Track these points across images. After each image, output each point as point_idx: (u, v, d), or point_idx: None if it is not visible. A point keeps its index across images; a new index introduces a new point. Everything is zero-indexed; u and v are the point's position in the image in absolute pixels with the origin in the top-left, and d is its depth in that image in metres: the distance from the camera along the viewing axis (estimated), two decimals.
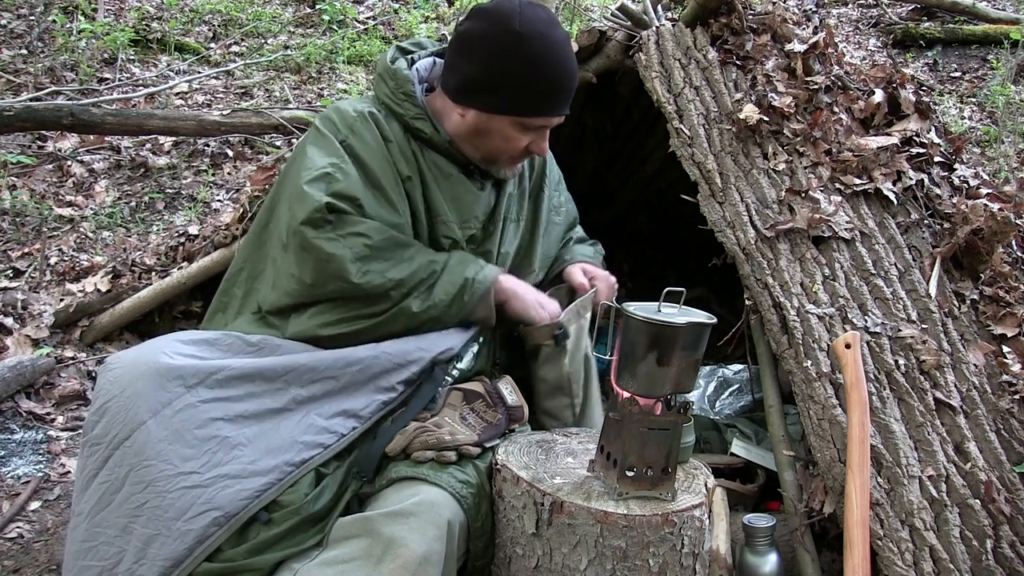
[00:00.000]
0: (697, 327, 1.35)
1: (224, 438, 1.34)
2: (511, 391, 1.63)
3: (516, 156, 1.70)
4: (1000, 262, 2.05)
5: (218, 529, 1.29)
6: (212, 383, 1.36)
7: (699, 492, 1.43)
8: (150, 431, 1.31)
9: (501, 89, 1.59)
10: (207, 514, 1.29)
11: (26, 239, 3.48)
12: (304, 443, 1.40)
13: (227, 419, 1.35)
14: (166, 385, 1.34)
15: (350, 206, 1.53)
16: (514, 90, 1.59)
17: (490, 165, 1.72)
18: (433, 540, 1.29)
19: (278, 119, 4.03)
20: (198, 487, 1.30)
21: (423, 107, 1.67)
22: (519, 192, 1.87)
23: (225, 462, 1.32)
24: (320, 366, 1.46)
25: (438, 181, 1.68)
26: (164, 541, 1.27)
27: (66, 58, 4.83)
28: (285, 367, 1.44)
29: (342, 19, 5.99)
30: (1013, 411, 1.82)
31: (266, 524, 1.34)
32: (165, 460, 1.30)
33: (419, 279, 1.55)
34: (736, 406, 2.75)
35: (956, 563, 1.58)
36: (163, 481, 1.30)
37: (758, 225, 2.09)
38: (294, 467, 1.38)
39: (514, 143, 1.65)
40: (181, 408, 1.33)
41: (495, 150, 1.68)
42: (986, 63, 5.96)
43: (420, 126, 1.66)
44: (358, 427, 1.47)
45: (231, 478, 1.32)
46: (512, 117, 1.62)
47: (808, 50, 2.41)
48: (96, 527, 1.31)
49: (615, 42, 2.67)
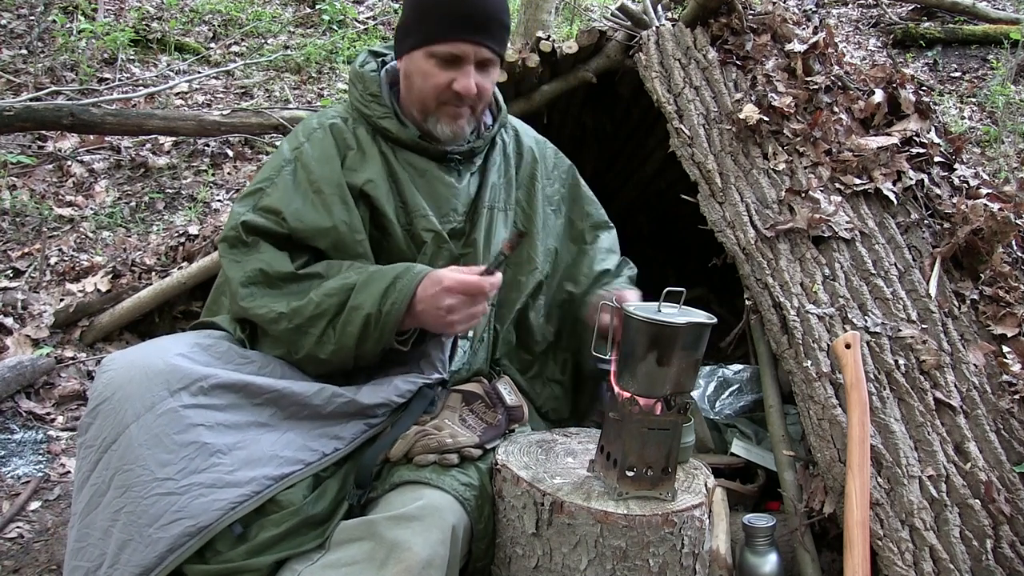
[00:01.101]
0: (697, 327, 1.35)
1: (203, 444, 1.31)
2: (510, 391, 1.63)
3: (447, 100, 1.61)
4: (1000, 262, 2.05)
5: (189, 539, 1.27)
6: (196, 390, 1.34)
7: (699, 492, 1.43)
8: (132, 435, 1.30)
9: (414, 24, 1.60)
10: (179, 523, 1.27)
11: (26, 239, 3.48)
12: (285, 458, 1.39)
13: (208, 426, 1.33)
14: (152, 389, 1.32)
15: (272, 220, 1.56)
16: (421, 21, 1.58)
17: (430, 123, 1.65)
18: (437, 544, 1.28)
19: (278, 119, 4.03)
20: (172, 494, 1.28)
21: (390, 106, 1.67)
22: (505, 181, 1.81)
23: (201, 469, 1.30)
24: (305, 394, 1.45)
25: (413, 179, 1.67)
26: (136, 547, 1.26)
27: (66, 58, 4.83)
28: (272, 389, 1.42)
29: (342, 19, 5.99)
30: (1013, 411, 1.82)
31: (265, 525, 1.34)
32: (143, 465, 1.29)
33: (307, 315, 1.48)
34: (736, 406, 2.75)
35: (956, 563, 1.58)
36: (139, 487, 1.28)
37: (758, 225, 2.09)
38: (272, 481, 1.36)
39: (432, 80, 1.59)
40: (163, 412, 1.31)
41: (423, 95, 1.62)
42: (986, 63, 5.96)
43: (386, 125, 1.66)
44: (340, 448, 1.46)
45: (206, 487, 1.30)
46: (423, 49, 1.58)
47: (808, 50, 2.41)
48: (85, 528, 1.31)
49: (615, 42, 2.67)
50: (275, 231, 1.56)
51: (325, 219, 1.56)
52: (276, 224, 1.56)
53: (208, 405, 1.35)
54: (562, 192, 1.93)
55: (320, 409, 1.45)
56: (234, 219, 1.58)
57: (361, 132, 1.67)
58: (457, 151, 1.70)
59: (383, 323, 1.45)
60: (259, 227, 1.56)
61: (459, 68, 1.59)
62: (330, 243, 1.57)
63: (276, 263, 1.53)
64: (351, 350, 1.48)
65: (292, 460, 1.39)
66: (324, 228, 1.56)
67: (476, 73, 1.60)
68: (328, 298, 1.48)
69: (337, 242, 1.57)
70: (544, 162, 1.90)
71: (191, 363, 1.38)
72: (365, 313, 1.45)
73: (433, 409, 1.55)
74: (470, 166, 1.75)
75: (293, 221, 1.56)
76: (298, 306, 1.49)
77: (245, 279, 1.53)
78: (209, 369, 1.38)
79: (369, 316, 1.45)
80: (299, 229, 1.56)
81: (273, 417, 1.42)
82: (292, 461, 1.39)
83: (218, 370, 1.39)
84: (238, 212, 1.59)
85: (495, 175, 1.78)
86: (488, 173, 1.77)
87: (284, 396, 1.42)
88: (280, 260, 1.54)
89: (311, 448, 1.43)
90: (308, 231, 1.56)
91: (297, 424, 1.44)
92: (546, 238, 1.85)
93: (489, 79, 1.64)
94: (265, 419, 1.41)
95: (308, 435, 1.43)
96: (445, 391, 1.61)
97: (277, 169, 1.63)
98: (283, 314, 1.49)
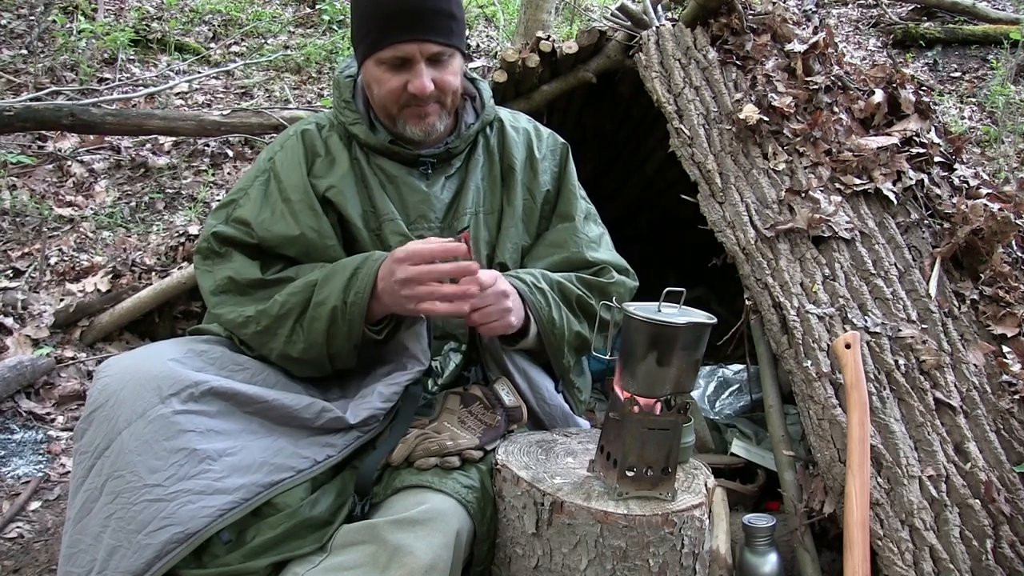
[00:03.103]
0: (697, 327, 1.35)
1: (192, 450, 1.30)
2: (508, 392, 1.62)
3: (406, 103, 1.59)
4: (1000, 262, 2.05)
5: (177, 546, 1.26)
6: (187, 396, 1.33)
7: (699, 492, 1.43)
8: (124, 441, 1.30)
9: (358, 35, 1.59)
10: (167, 529, 1.26)
11: (26, 239, 3.48)
12: (275, 465, 1.38)
13: (198, 432, 1.32)
14: (143, 395, 1.32)
15: (242, 231, 1.59)
16: (363, 30, 1.57)
17: (400, 127, 1.63)
18: (440, 548, 1.28)
19: (278, 119, 4.03)
20: (160, 500, 1.27)
21: (363, 112, 1.67)
22: (488, 181, 1.74)
23: (191, 476, 1.29)
24: (295, 407, 1.44)
25: (383, 184, 1.66)
26: (124, 553, 1.26)
27: (66, 58, 4.83)
28: (262, 400, 1.41)
29: (342, 19, 5.99)
30: (1013, 411, 1.82)
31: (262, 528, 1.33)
32: (133, 471, 1.28)
33: (273, 315, 1.50)
34: (736, 406, 2.75)
35: (956, 563, 1.58)
36: (129, 493, 1.28)
37: (758, 225, 2.09)
38: (262, 488, 1.35)
39: (386, 86, 1.57)
40: (153, 419, 1.30)
41: (383, 103, 1.61)
42: (986, 63, 5.96)
43: (356, 131, 1.65)
44: (333, 456, 1.45)
45: (194, 494, 1.28)
46: (372, 58, 1.57)
47: (808, 50, 2.41)
48: (78, 534, 1.31)
49: (615, 42, 2.67)
50: (245, 241, 1.59)
51: (293, 227, 1.58)
52: (246, 235, 1.59)
53: (199, 411, 1.34)
54: (554, 171, 1.82)
55: (309, 423, 1.45)
56: (207, 230, 1.61)
57: (334, 138, 1.68)
58: (430, 155, 1.67)
59: (349, 314, 1.45)
60: (230, 237, 1.59)
61: (410, 69, 1.56)
62: (300, 251, 1.58)
63: (245, 271, 1.56)
64: (322, 347, 1.48)
65: (283, 467, 1.39)
66: (292, 237, 1.58)
67: (430, 69, 1.56)
68: (292, 296, 1.50)
69: (307, 249, 1.58)
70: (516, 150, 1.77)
71: (183, 369, 1.37)
72: (330, 307, 1.46)
73: (431, 412, 1.55)
74: (446, 169, 1.71)
75: (261, 231, 1.58)
76: (264, 308, 1.50)
77: (216, 287, 1.56)
78: (201, 375, 1.37)
79: (335, 309, 1.45)
80: (267, 239, 1.58)
81: (263, 425, 1.42)
82: (283, 468, 1.39)
83: (210, 376, 1.38)
84: (211, 224, 1.62)
85: (478, 177, 1.73)
86: (470, 176, 1.72)
87: (273, 408, 1.42)
88: (249, 268, 1.56)
89: (302, 455, 1.42)
90: (277, 240, 1.58)
91: (288, 431, 1.44)
92: (519, 234, 1.75)
93: (448, 72, 1.59)
94: (256, 426, 1.41)
95: (299, 443, 1.43)
96: (443, 393, 1.61)
97: (251, 180, 1.66)
98: (250, 317, 1.51)
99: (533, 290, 1.60)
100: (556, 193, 1.82)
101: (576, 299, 1.66)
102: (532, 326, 1.61)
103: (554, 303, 1.62)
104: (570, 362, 1.68)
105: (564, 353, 1.65)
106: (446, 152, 1.69)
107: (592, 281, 1.70)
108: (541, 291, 1.61)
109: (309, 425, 1.45)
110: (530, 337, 1.62)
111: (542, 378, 1.71)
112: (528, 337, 1.62)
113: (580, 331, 1.66)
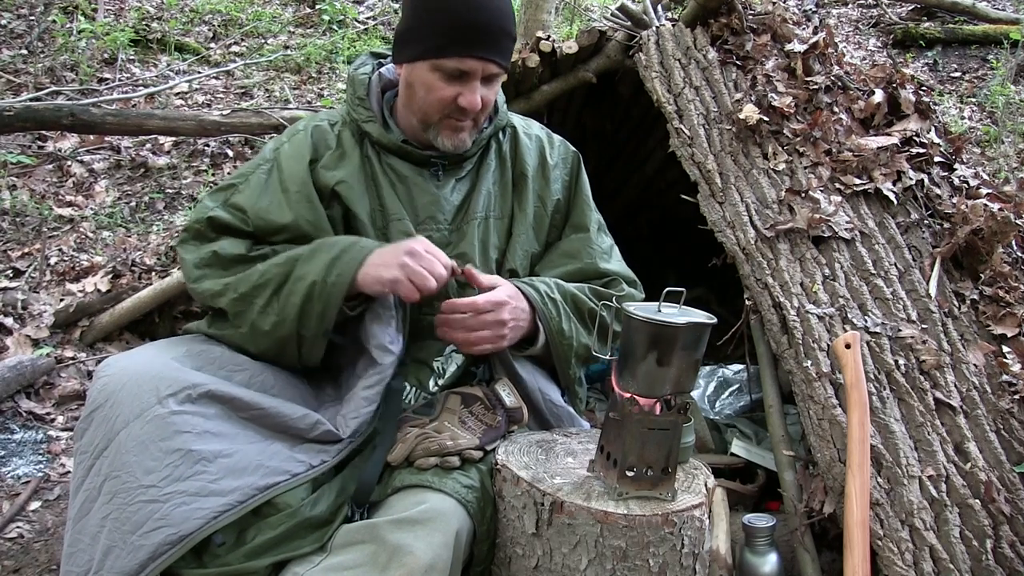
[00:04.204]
0: (697, 327, 1.35)
1: (188, 452, 1.30)
2: (509, 392, 1.62)
3: (450, 114, 1.58)
4: (1000, 262, 2.05)
5: (171, 548, 1.26)
6: (184, 397, 1.33)
7: (699, 492, 1.43)
8: (121, 442, 1.30)
9: (417, 34, 1.55)
10: (160, 530, 1.26)
11: (26, 239, 3.48)
12: (271, 468, 1.38)
13: (194, 433, 1.32)
14: (141, 396, 1.32)
15: (237, 217, 1.59)
16: (428, 32, 1.53)
17: (431, 134, 1.62)
18: (440, 548, 1.28)
19: (278, 119, 4.03)
20: (155, 502, 1.27)
21: (376, 110, 1.67)
22: (500, 187, 1.74)
23: (186, 477, 1.29)
24: (291, 416, 1.44)
25: (393, 184, 1.66)
26: (119, 554, 1.26)
27: (66, 58, 4.83)
28: (258, 406, 1.42)
29: (342, 19, 5.99)
30: (1013, 411, 1.82)
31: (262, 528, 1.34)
32: (129, 472, 1.28)
33: (252, 283, 1.50)
34: (736, 406, 2.75)
35: (956, 563, 1.58)
36: (125, 493, 1.28)
37: (758, 225, 2.09)
38: (258, 491, 1.35)
39: (436, 93, 1.55)
40: (150, 419, 1.30)
41: (425, 108, 1.59)
42: (986, 63, 5.96)
43: (369, 129, 1.65)
44: (328, 460, 1.46)
45: (189, 495, 1.29)
46: (428, 61, 1.54)
47: (808, 50, 2.41)
48: (77, 534, 1.31)
49: (615, 42, 2.67)
50: (240, 228, 1.59)
51: (286, 214, 1.58)
52: (241, 222, 1.59)
53: (195, 412, 1.34)
54: (564, 180, 1.83)
55: (304, 433, 1.46)
56: (202, 212, 1.61)
57: (346, 134, 1.67)
58: (442, 156, 1.67)
59: (327, 293, 1.46)
60: (225, 223, 1.59)
61: (465, 83, 1.55)
62: (290, 239, 1.58)
63: (230, 247, 1.57)
64: (293, 323, 1.48)
65: (278, 470, 1.39)
66: (283, 224, 1.58)
67: (481, 87, 1.56)
68: (273, 266, 1.51)
69: (298, 238, 1.58)
70: (528, 158, 1.78)
71: (182, 370, 1.38)
72: (309, 282, 1.46)
73: (432, 411, 1.55)
74: (457, 171, 1.71)
75: (256, 219, 1.59)
76: (244, 275, 1.52)
77: (199, 261, 1.57)
78: (199, 377, 1.37)
79: (314, 285, 1.46)
80: (261, 227, 1.59)
81: (259, 431, 1.42)
82: (278, 471, 1.38)
83: (208, 379, 1.38)
84: (207, 206, 1.61)
85: (489, 182, 1.73)
86: (481, 180, 1.72)
87: (269, 416, 1.42)
88: (235, 245, 1.57)
89: (298, 459, 1.42)
90: (269, 228, 1.59)
91: (284, 437, 1.44)
92: (529, 241, 1.75)
93: (493, 91, 1.61)
94: (252, 430, 1.41)
95: (295, 448, 1.43)
96: (444, 393, 1.60)
97: (254, 168, 1.65)
98: (229, 284, 1.52)
99: (545, 299, 1.61)
100: (567, 202, 1.82)
101: (588, 311, 1.67)
102: (541, 335, 1.62)
103: (565, 314, 1.63)
104: (576, 372, 1.70)
105: (571, 364, 1.67)
106: (458, 155, 1.68)
107: (604, 293, 1.71)
108: (553, 301, 1.62)
109: (303, 435, 1.46)
110: (538, 345, 1.64)
111: (549, 381, 1.73)
112: (536, 345, 1.64)
113: (589, 343, 1.67)
